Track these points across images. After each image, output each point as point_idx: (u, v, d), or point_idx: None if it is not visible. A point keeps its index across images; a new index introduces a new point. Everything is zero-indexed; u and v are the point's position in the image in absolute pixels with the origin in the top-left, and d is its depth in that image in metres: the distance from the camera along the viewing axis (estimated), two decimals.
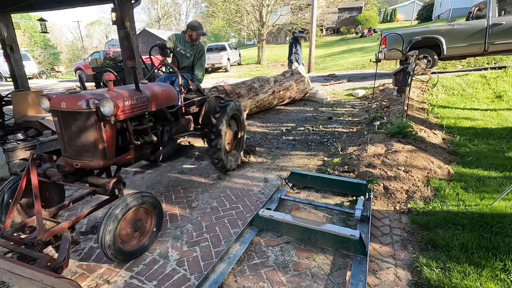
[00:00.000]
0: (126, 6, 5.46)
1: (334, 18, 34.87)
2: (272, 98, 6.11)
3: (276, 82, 6.34)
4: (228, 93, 5.10)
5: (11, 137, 3.92)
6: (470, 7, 8.73)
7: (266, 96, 5.91)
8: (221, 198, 2.99)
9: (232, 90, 5.32)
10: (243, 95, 5.40)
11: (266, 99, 5.97)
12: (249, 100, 5.47)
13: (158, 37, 22.93)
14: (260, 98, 5.78)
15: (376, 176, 3.02)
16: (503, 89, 6.08)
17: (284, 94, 6.46)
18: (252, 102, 5.49)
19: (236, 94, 5.22)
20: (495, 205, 2.42)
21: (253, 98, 5.58)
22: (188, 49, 3.90)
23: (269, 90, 6.01)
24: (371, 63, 12.53)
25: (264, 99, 5.89)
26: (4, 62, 8.24)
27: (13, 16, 7.29)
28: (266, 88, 5.97)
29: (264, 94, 5.86)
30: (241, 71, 18.88)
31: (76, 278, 1.95)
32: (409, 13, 36.68)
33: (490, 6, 7.00)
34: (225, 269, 1.94)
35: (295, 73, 6.99)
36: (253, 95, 5.59)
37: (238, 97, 5.21)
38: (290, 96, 6.68)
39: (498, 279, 1.73)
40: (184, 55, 3.91)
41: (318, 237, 2.14)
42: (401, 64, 7.71)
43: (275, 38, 36.90)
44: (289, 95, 6.66)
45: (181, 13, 44.61)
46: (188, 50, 3.90)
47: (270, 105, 6.28)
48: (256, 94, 5.68)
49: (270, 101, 6.07)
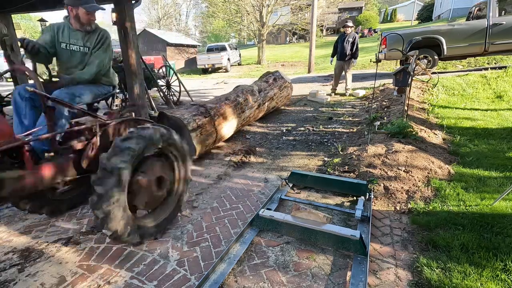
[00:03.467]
0: (126, 7, 5.46)
1: (334, 18, 34.89)
2: (258, 112, 5.40)
3: (260, 92, 5.54)
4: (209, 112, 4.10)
5: None
6: (470, 7, 8.73)
7: (252, 112, 5.15)
8: (222, 198, 2.99)
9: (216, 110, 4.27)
10: (228, 115, 4.45)
11: (252, 115, 5.22)
12: (237, 120, 4.62)
13: (158, 37, 22.92)
14: (247, 115, 4.97)
15: (376, 176, 3.02)
16: (504, 89, 6.07)
17: (269, 105, 5.82)
18: (239, 121, 4.70)
19: (221, 115, 4.26)
20: (495, 205, 2.42)
21: (240, 116, 4.71)
22: (80, 40, 2.59)
23: (254, 104, 5.21)
24: (371, 63, 12.52)
25: (250, 116, 5.13)
26: (4, 62, 8.25)
27: (13, 17, 7.30)
28: (251, 101, 5.16)
29: (250, 109, 5.07)
30: (241, 71, 18.88)
31: (77, 278, 1.95)
32: (409, 13, 36.68)
33: (490, 6, 7.00)
34: (226, 269, 1.94)
35: (278, 78, 6.26)
36: (239, 112, 4.73)
37: (223, 118, 4.30)
38: (274, 106, 6.05)
39: (498, 279, 1.73)
40: (74, 52, 2.61)
41: (318, 237, 2.14)
42: (401, 64, 7.70)
43: (275, 38, 36.90)
44: (274, 105, 6.03)
45: (181, 13, 44.68)
46: (80, 42, 2.59)
47: (255, 119, 5.60)
48: (243, 111, 4.82)
49: (256, 115, 5.40)
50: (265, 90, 5.69)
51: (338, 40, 7.54)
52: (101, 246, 2.28)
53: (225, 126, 4.29)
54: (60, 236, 2.43)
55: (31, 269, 2.05)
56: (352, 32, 7.36)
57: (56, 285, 1.90)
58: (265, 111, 5.78)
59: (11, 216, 2.78)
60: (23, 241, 2.37)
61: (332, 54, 7.81)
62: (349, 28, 7.33)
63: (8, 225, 2.62)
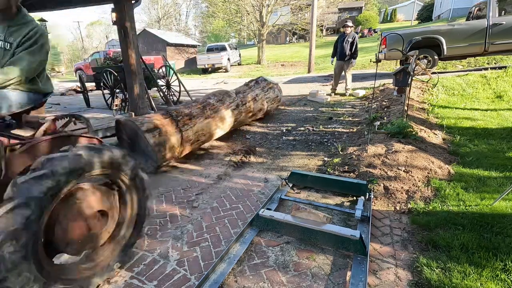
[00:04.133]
0: (126, 7, 5.46)
1: (334, 18, 34.90)
2: (238, 113, 4.81)
3: (238, 93, 5.13)
4: (172, 116, 3.80)
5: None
6: (470, 7, 8.73)
7: (228, 113, 4.63)
8: (221, 198, 2.99)
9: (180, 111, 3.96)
10: (196, 115, 4.03)
11: (231, 115, 4.68)
12: (207, 121, 4.12)
13: (158, 37, 22.92)
14: (222, 115, 4.47)
15: (376, 176, 3.02)
16: (504, 89, 6.08)
17: (253, 106, 5.25)
18: (211, 123, 4.22)
19: (187, 116, 3.91)
20: (495, 205, 2.42)
21: (212, 116, 4.25)
22: (1, 33, 2.00)
23: (231, 104, 4.71)
24: (371, 63, 12.52)
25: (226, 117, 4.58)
26: None
27: None
28: (227, 102, 4.66)
29: (227, 109, 4.58)
30: (241, 71, 18.89)
31: None
32: (409, 13, 36.69)
33: (490, 6, 7.00)
34: (225, 269, 1.94)
35: (260, 81, 5.93)
36: (211, 113, 4.24)
37: (190, 118, 3.93)
38: (261, 108, 5.51)
39: (498, 279, 1.73)
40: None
41: (318, 237, 2.14)
42: (401, 64, 7.71)
43: (275, 38, 36.90)
44: (260, 107, 5.48)
45: (181, 13, 44.67)
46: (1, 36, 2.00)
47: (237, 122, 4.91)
48: (215, 112, 4.33)
49: (235, 117, 4.76)
50: (244, 92, 5.31)
51: (338, 40, 7.54)
52: None
53: (193, 127, 3.89)
54: None
55: None
56: (352, 32, 7.36)
57: None
58: (252, 115, 5.32)
59: None
60: None
61: (332, 54, 7.81)
62: (349, 28, 7.33)
63: None
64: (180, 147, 3.75)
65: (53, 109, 8.05)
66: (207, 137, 4.23)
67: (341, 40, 7.39)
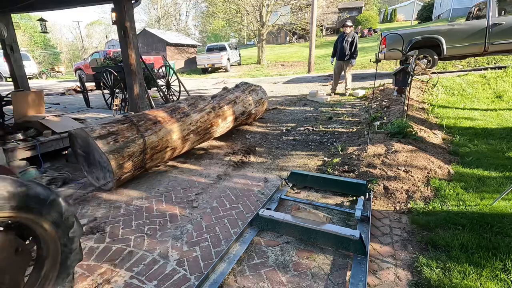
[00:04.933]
0: (126, 6, 5.46)
1: (334, 18, 34.89)
2: (214, 116, 4.32)
3: (215, 97, 4.74)
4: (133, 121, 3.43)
5: (11, 137, 3.92)
6: (470, 7, 8.73)
7: (203, 116, 4.14)
8: (221, 198, 2.99)
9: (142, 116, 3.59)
10: (162, 120, 3.65)
11: (205, 120, 4.15)
12: (176, 124, 3.74)
13: (158, 37, 22.92)
14: (194, 119, 4.01)
15: (376, 176, 3.02)
16: (503, 89, 6.08)
17: (232, 109, 4.76)
18: (182, 127, 3.80)
19: (150, 120, 3.55)
20: (495, 205, 2.42)
21: (183, 120, 3.85)
22: None
23: (206, 107, 4.28)
24: (371, 63, 12.53)
25: (201, 121, 4.08)
26: (4, 62, 8.25)
27: (13, 16, 7.29)
28: (201, 105, 4.25)
29: (200, 112, 4.11)
30: (241, 71, 18.89)
31: (76, 278, 1.95)
32: (409, 13, 36.72)
33: (490, 6, 7.00)
34: (225, 269, 1.94)
35: (241, 85, 5.55)
36: (181, 116, 3.87)
37: (154, 123, 3.54)
38: (243, 111, 5.00)
39: (498, 279, 1.73)
40: None
41: (318, 237, 2.14)
42: (401, 64, 7.70)
43: (275, 38, 36.91)
44: (242, 110, 4.98)
45: (181, 13, 44.65)
46: None
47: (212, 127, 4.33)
48: (186, 115, 3.94)
49: (212, 121, 4.27)
50: (222, 95, 4.93)
51: (337, 40, 7.54)
52: (101, 246, 2.28)
53: (158, 132, 3.50)
54: None
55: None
56: (352, 32, 7.36)
57: None
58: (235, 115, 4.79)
59: None
60: None
61: (332, 54, 7.80)
62: (348, 28, 7.32)
63: None
64: (143, 155, 3.32)
65: (53, 109, 8.04)
66: (180, 143, 3.81)
67: (340, 40, 7.39)
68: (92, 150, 3.11)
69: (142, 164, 3.39)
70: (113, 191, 3.19)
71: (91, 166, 3.28)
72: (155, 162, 3.60)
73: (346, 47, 7.26)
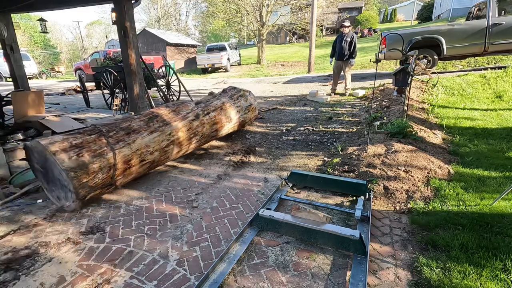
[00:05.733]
0: (126, 6, 5.47)
1: (334, 18, 34.90)
2: (199, 124, 3.95)
3: (199, 103, 4.31)
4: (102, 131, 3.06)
5: (11, 137, 3.92)
6: (470, 7, 8.74)
7: (186, 124, 3.78)
8: (221, 198, 2.99)
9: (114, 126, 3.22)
10: (137, 129, 3.29)
11: (187, 129, 3.79)
12: (153, 135, 3.35)
13: (158, 37, 22.92)
14: (175, 128, 3.63)
15: (376, 176, 3.02)
16: (503, 89, 6.08)
17: (219, 117, 4.33)
18: (160, 138, 3.41)
19: (122, 130, 3.18)
20: (495, 205, 2.42)
21: (162, 130, 3.48)
22: None
23: (188, 114, 3.90)
24: (371, 63, 12.53)
25: (183, 130, 3.73)
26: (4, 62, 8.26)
27: (13, 16, 7.30)
28: (183, 112, 3.88)
29: (182, 121, 3.76)
30: (241, 71, 18.89)
31: (76, 278, 1.95)
32: (409, 13, 36.73)
33: (490, 6, 7.00)
34: (225, 269, 1.94)
35: (228, 90, 5.17)
36: (159, 126, 3.49)
37: (127, 133, 3.18)
38: (230, 117, 4.56)
39: (498, 279, 1.73)
40: None
41: (318, 237, 2.14)
42: (401, 64, 7.70)
43: (275, 38, 36.93)
44: (229, 117, 4.55)
45: (181, 13, 44.66)
46: None
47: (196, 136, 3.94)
48: (166, 124, 3.57)
49: (195, 129, 3.90)
50: (207, 101, 4.53)
51: (336, 40, 7.54)
52: (101, 246, 2.28)
53: (131, 144, 3.13)
54: (59, 236, 2.43)
55: (31, 269, 2.05)
56: (350, 32, 7.36)
57: (55, 284, 1.90)
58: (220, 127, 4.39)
59: (11, 216, 2.78)
60: (23, 241, 2.37)
61: (331, 54, 7.80)
62: (347, 28, 7.32)
63: (8, 225, 2.62)
64: (113, 170, 2.93)
65: (53, 109, 8.05)
66: (159, 156, 3.44)
67: (339, 40, 7.39)
68: (51, 166, 2.68)
69: (112, 181, 2.98)
70: (113, 191, 3.19)
71: (51, 183, 2.84)
72: (128, 178, 3.19)
73: (345, 47, 7.26)
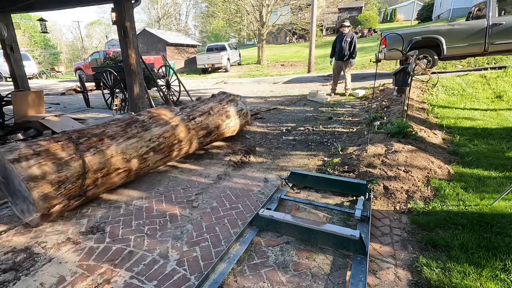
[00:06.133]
0: (126, 6, 5.47)
1: (334, 18, 34.91)
2: (183, 130, 3.69)
3: (184, 109, 4.08)
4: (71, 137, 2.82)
5: (11, 137, 3.92)
6: (470, 7, 8.74)
7: (168, 130, 3.52)
8: (221, 198, 2.99)
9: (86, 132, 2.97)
10: (112, 135, 3.07)
11: (169, 135, 3.53)
12: (130, 142, 3.14)
13: (158, 37, 22.93)
14: (156, 134, 3.40)
15: (376, 176, 3.02)
16: (503, 89, 6.08)
17: (206, 122, 4.05)
18: (139, 143, 3.20)
19: (95, 136, 2.95)
20: (495, 205, 2.42)
21: (140, 136, 3.26)
22: None
23: (172, 119, 3.66)
24: (371, 63, 12.53)
25: (164, 136, 3.47)
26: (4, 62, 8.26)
27: (13, 16, 7.30)
28: (167, 117, 3.66)
29: (164, 126, 3.51)
30: (241, 71, 18.89)
31: (76, 278, 1.95)
32: (409, 13, 36.73)
33: (490, 6, 7.00)
34: (225, 269, 1.94)
35: (217, 95, 4.88)
36: (137, 131, 3.27)
37: (101, 139, 2.95)
38: (217, 124, 4.24)
39: (498, 279, 1.73)
40: None
41: (318, 237, 2.14)
42: (401, 64, 7.70)
43: (275, 38, 36.93)
44: (218, 123, 4.24)
45: (181, 13, 44.68)
46: None
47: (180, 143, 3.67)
48: (145, 129, 3.34)
49: (178, 135, 3.62)
50: (194, 106, 4.29)
51: (336, 40, 7.54)
52: (101, 246, 2.28)
53: (105, 151, 2.91)
54: (59, 236, 2.43)
55: (31, 269, 2.05)
56: (350, 32, 7.36)
57: (55, 284, 1.90)
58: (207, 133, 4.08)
59: (11, 216, 2.78)
60: (23, 241, 2.37)
61: (331, 54, 7.80)
62: (346, 28, 7.32)
63: (8, 225, 2.62)
64: (81, 180, 2.68)
65: (53, 109, 8.05)
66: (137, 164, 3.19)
67: (339, 40, 7.39)
68: (11, 176, 2.46)
69: (81, 191, 2.74)
70: (113, 191, 3.19)
71: (14, 196, 2.61)
72: (101, 189, 2.95)
73: (345, 47, 7.26)
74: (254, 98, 8.56)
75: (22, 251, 2.25)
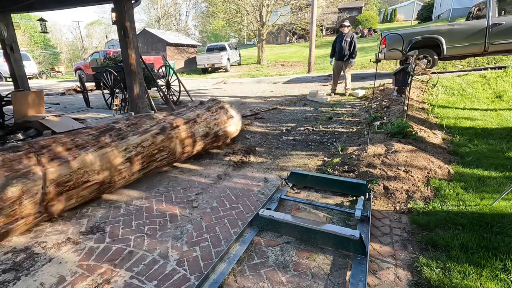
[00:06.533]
0: (126, 6, 5.47)
1: (334, 18, 34.91)
2: (165, 138, 3.45)
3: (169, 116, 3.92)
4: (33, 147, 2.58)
5: (11, 137, 3.92)
6: (470, 7, 8.74)
7: (147, 139, 3.29)
8: (221, 198, 2.99)
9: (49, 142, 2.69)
10: (81, 144, 2.84)
11: (149, 144, 3.28)
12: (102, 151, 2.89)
13: (158, 37, 22.93)
14: (133, 142, 3.15)
15: (376, 176, 3.02)
16: (503, 89, 6.08)
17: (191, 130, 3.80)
18: (113, 153, 2.95)
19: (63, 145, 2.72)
20: (495, 205, 2.42)
21: (115, 145, 3.02)
22: None
23: (152, 127, 3.44)
24: (371, 63, 12.53)
25: (143, 145, 3.22)
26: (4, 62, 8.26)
27: (13, 16, 7.30)
28: (146, 125, 3.44)
29: (144, 134, 3.29)
30: (241, 71, 18.89)
31: (76, 278, 1.95)
32: (409, 13, 36.74)
33: (490, 6, 7.00)
34: (225, 269, 1.94)
35: (205, 102, 4.68)
36: (111, 140, 3.04)
37: (68, 149, 2.71)
38: (206, 132, 4.00)
39: (498, 279, 1.73)
40: None
41: (318, 237, 2.14)
42: (401, 64, 7.70)
43: (275, 38, 36.93)
44: (205, 131, 3.99)
45: (181, 13, 44.69)
46: None
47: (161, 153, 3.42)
48: (121, 138, 3.12)
49: (160, 145, 3.39)
50: (179, 113, 4.10)
51: (336, 40, 7.54)
52: (101, 246, 2.28)
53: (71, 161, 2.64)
54: (59, 236, 2.43)
55: (31, 269, 2.05)
56: (350, 32, 7.35)
57: (55, 284, 1.90)
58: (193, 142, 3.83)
59: None
60: (23, 241, 2.37)
61: (331, 54, 7.79)
62: (346, 28, 7.31)
63: None
64: (41, 194, 2.40)
65: (53, 109, 8.05)
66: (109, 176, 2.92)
67: (339, 40, 7.39)
68: None
69: (41, 207, 2.44)
70: (113, 191, 3.19)
71: None
72: (69, 203, 2.66)
73: (345, 47, 7.25)
74: (254, 98, 8.57)
75: (22, 251, 2.25)
